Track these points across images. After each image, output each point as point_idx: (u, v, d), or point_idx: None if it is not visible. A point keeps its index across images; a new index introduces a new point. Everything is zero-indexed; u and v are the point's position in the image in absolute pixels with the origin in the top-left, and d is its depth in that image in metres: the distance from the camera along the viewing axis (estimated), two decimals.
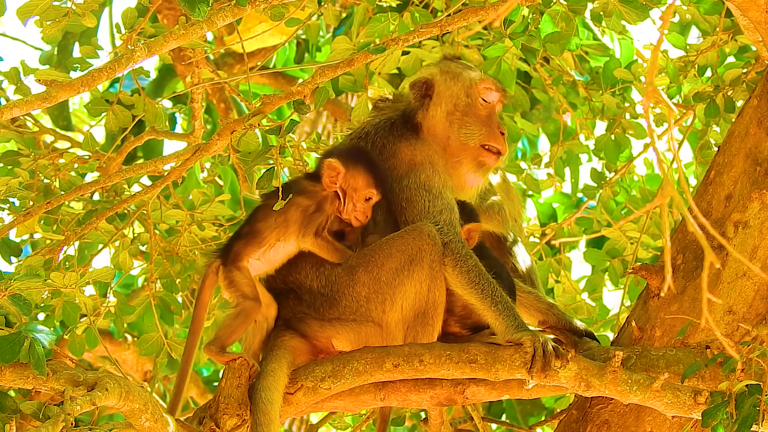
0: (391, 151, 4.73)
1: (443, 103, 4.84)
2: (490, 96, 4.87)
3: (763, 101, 4.59)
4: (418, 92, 4.86)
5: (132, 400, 3.94)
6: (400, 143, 4.74)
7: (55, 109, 7.99)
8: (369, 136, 4.80)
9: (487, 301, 4.44)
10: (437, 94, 4.85)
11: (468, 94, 4.85)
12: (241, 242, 4.54)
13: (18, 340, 3.89)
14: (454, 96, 4.84)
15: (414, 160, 4.71)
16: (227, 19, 4.52)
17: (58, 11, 4.79)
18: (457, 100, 4.84)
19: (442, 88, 4.86)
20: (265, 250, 4.52)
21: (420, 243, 4.48)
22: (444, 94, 4.85)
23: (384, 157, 4.72)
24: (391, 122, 4.83)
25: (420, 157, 4.72)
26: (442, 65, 4.96)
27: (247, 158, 4.85)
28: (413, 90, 4.87)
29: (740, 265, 4.47)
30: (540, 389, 4.45)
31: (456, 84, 4.87)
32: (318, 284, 4.54)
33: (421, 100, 4.86)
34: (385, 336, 4.51)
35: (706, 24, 5.79)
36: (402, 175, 4.68)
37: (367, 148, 4.75)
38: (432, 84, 4.87)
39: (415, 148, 4.74)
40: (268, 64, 8.22)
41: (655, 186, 6.32)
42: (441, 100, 4.85)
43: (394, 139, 4.76)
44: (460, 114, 4.83)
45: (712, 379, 4.42)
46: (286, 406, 4.39)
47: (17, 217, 5.06)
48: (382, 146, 4.75)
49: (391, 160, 4.71)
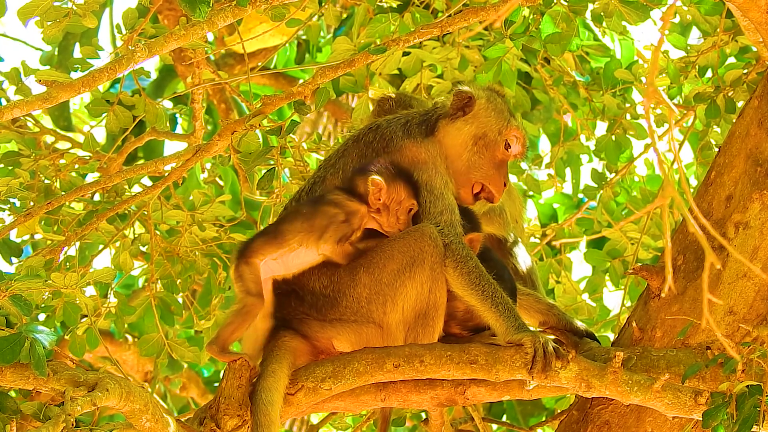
0: (396, 146, 4.71)
1: (476, 125, 4.81)
2: (515, 147, 4.83)
3: (764, 102, 4.58)
4: (459, 101, 4.82)
5: (132, 401, 3.94)
6: (408, 140, 4.73)
7: (55, 109, 7.99)
8: (380, 128, 4.77)
9: (487, 303, 4.44)
10: (474, 114, 4.82)
11: (500, 132, 4.81)
12: (261, 239, 4.51)
13: (19, 340, 3.89)
14: (487, 126, 4.81)
15: (418, 158, 4.70)
16: (228, 19, 4.53)
17: (58, 12, 4.79)
18: (487, 131, 4.80)
19: (482, 112, 4.83)
20: (285, 252, 4.50)
21: (421, 244, 4.48)
22: (481, 118, 4.82)
23: (389, 151, 4.71)
24: (405, 119, 4.82)
25: (424, 156, 4.71)
26: (489, 93, 4.92)
27: (247, 159, 4.85)
28: (456, 96, 4.82)
29: (741, 265, 4.47)
30: (540, 390, 4.45)
31: (494, 117, 4.83)
32: (320, 285, 4.54)
33: (456, 109, 4.83)
34: (385, 337, 4.51)
35: (706, 25, 5.79)
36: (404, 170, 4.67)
37: (374, 140, 4.73)
38: (474, 102, 4.84)
39: (421, 146, 4.73)
40: (268, 64, 8.22)
41: (656, 187, 6.32)
42: (475, 121, 4.81)
43: (404, 135, 4.74)
44: (482, 144, 4.79)
45: (713, 380, 4.41)
46: (286, 407, 4.39)
47: (18, 217, 5.06)
48: (389, 139, 4.72)
49: (395, 154, 4.70)
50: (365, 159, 4.70)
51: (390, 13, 5.47)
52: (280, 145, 4.77)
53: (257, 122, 4.80)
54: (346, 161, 4.74)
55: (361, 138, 4.77)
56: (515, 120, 4.89)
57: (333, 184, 4.69)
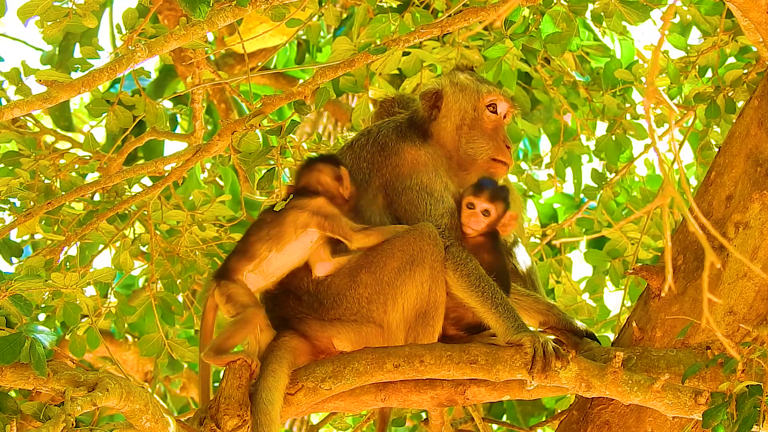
0: (393, 149, 4.73)
1: (452, 115, 4.84)
2: (498, 108, 4.86)
3: (764, 102, 4.58)
4: (428, 103, 4.85)
5: (133, 401, 3.94)
6: (404, 143, 4.75)
7: (55, 109, 8.00)
8: (371, 134, 4.80)
9: (487, 304, 4.45)
10: (446, 105, 4.85)
11: (475, 108, 4.84)
12: (234, 258, 4.59)
13: (19, 340, 3.89)
14: (461, 109, 4.84)
15: (418, 160, 4.72)
16: (228, 19, 4.53)
17: (58, 12, 4.79)
18: (464, 114, 4.83)
19: (451, 100, 4.85)
20: (258, 262, 4.54)
21: (421, 244, 4.49)
22: (452, 107, 4.84)
23: (385, 154, 4.73)
24: (396, 124, 4.83)
25: (424, 158, 4.72)
26: (452, 76, 4.94)
27: (247, 159, 4.85)
28: (423, 100, 4.86)
29: (741, 266, 4.47)
30: (541, 390, 4.45)
31: (464, 97, 4.86)
32: (318, 286, 4.54)
33: (430, 110, 4.85)
34: (386, 336, 4.51)
35: (706, 25, 5.79)
36: (405, 174, 4.68)
37: (367, 144, 4.75)
38: (441, 95, 4.85)
39: (420, 149, 4.74)
40: (268, 64, 8.22)
41: (656, 187, 6.31)
42: (449, 112, 4.84)
43: (398, 138, 4.76)
44: (467, 128, 4.82)
45: (713, 380, 4.42)
46: (286, 407, 4.39)
47: (18, 217, 5.06)
48: (383, 144, 4.75)
49: (393, 157, 4.72)
50: (359, 163, 4.72)
51: (390, 13, 5.47)
52: (280, 145, 4.76)
53: (257, 122, 4.79)
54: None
55: (354, 143, 4.80)
56: (486, 85, 4.89)
57: None
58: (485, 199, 4.63)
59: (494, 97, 4.85)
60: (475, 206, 4.62)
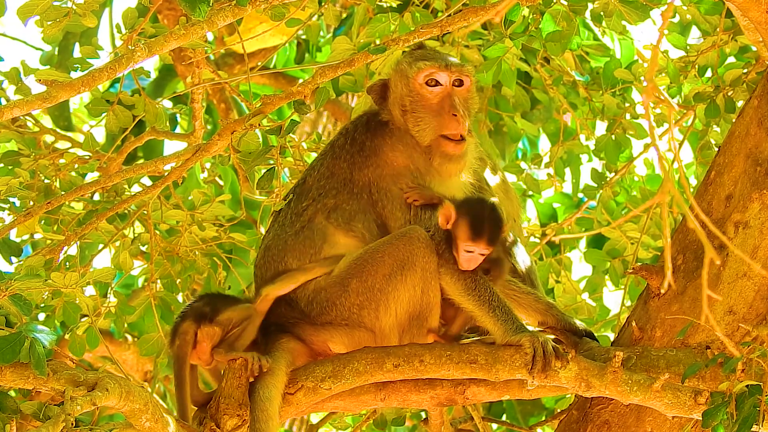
0: (371, 149, 4.64)
1: (396, 103, 4.70)
2: (440, 80, 4.65)
3: (764, 101, 4.58)
4: (376, 96, 4.74)
5: (132, 401, 3.94)
6: (380, 141, 4.65)
7: (55, 109, 7.99)
8: (348, 132, 4.75)
9: (484, 307, 4.43)
10: (391, 94, 4.73)
11: (410, 88, 4.66)
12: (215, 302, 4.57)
13: (18, 340, 3.89)
14: (400, 92, 4.69)
15: (396, 162, 4.63)
16: (228, 19, 4.53)
17: (58, 11, 4.79)
18: (402, 96, 4.68)
19: (393, 87, 4.73)
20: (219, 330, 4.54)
21: (411, 247, 4.45)
22: (395, 93, 4.71)
23: (365, 155, 4.64)
24: (367, 119, 4.75)
25: (401, 159, 4.63)
26: (396, 63, 4.80)
27: (247, 158, 4.85)
28: (370, 95, 4.76)
29: (740, 265, 4.47)
30: (540, 389, 4.45)
31: (400, 78, 4.71)
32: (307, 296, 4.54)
33: (381, 102, 4.74)
34: (378, 341, 4.50)
35: (706, 24, 5.79)
36: (386, 174, 4.60)
37: (345, 144, 4.70)
38: (388, 85, 4.77)
39: (395, 148, 4.65)
40: (268, 64, 8.22)
41: (656, 186, 6.31)
42: (395, 100, 4.71)
43: (372, 135, 4.67)
44: (409, 111, 4.66)
45: (713, 380, 4.42)
46: (286, 406, 4.39)
47: (18, 217, 5.06)
48: (361, 143, 4.66)
49: (372, 158, 4.63)
50: (340, 164, 4.66)
51: (390, 12, 5.46)
52: (279, 144, 4.76)
53: (257, 122, 4.79)
54: (322, 164, 4.71)
55: (334, 143, 4.76)
56: (422, 62, 4.66)
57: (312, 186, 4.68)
58: (484, 245, 4.47)
59: (428, 71, 4.64)
60: (474, 251, 4.50)
